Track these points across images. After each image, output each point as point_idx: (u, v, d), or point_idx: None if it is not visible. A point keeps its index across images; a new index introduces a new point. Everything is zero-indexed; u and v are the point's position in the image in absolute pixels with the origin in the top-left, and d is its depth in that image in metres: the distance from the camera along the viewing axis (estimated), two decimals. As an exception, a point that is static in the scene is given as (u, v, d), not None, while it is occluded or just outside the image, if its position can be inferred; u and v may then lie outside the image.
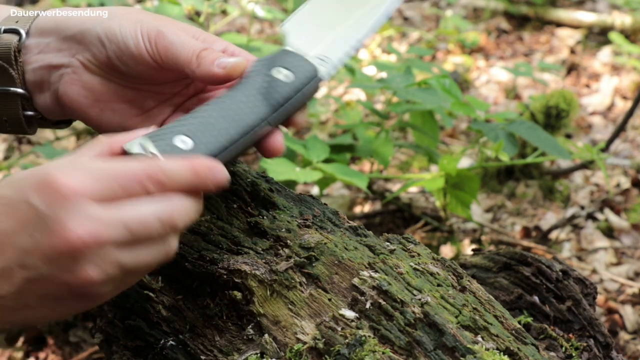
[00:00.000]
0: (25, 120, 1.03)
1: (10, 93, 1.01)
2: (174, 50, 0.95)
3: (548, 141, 2.21)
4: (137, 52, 0.96)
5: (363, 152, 2.35)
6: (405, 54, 3.51)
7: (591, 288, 1.19)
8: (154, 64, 0.96)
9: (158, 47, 0.95)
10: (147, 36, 0.96)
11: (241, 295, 0.96)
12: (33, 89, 1.02)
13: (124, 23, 0.97)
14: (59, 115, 1.04)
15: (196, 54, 0.95)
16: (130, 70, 0.98)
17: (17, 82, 1.00)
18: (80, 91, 0.99)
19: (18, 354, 2.01)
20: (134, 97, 1.01)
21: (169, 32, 0.96)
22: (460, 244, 2.42)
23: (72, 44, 0.99)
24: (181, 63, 0.95)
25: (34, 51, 1.00)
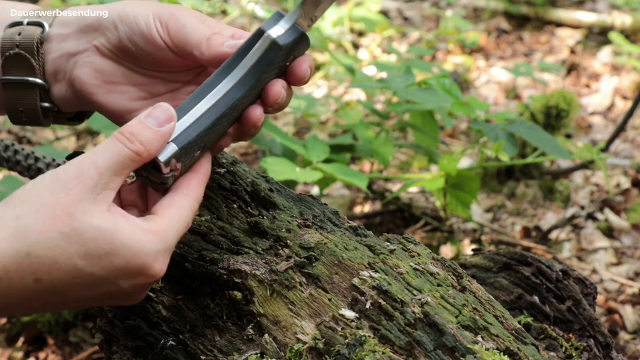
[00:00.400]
0: (42, 112, 1.05)
1: (29, 83, 1.03)
2: (185, 32, 0.97)
3: (548, 141, 2.21)
4: (147, 32, 0.98)
5: (363, 152, 2.35)
6: (405, 54, 3.51)
7: (591, 288, 1.19)
8: (163, 45, 0.98)
9: (169, 28, 0.98)
10: (158, 19, 0.98)
11: (241, 295, 0.96)
12: (51, 79, 1.04)
13: (137, 8, 1.00)
14: (73, 105, 1.05)
15: (206, 37, 0.97)
16: (140, 51, 0.99)
17: (37, 72, 1.02)
18: (91, 72, 1.01)
19: (18, 354, 2.01)
20: (143, 82, 1.03)
21: (180, 16, 0.98)
22: (460, 244, 2.42)
23: (90, 31, 1.01)
24: (191, 45, 0.97)
25: (55, 41, 1.02)
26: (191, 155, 0.91)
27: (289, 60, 0.96)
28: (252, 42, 0.94)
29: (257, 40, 0.94)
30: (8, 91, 1.04)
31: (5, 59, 1.02)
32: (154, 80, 1.03)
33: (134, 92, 1.03)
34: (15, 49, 1.01)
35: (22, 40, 1.01)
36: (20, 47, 1.01)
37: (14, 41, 1.02)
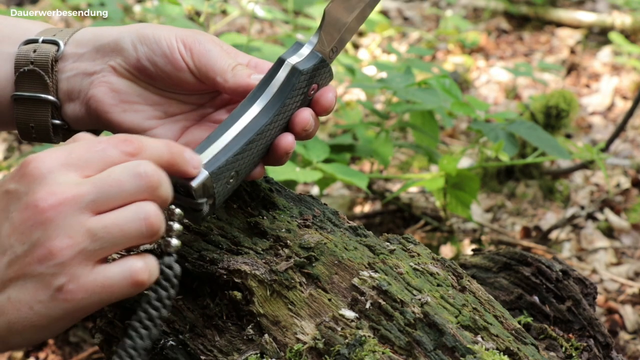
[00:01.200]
0: (52, 129, 1.06)
1: (41, 100, 1.04)
2: (209, 58, 0.99)
3: (548, 141, 2.21)
4: (169, 53, 1.00)
5: (363, 152, 2.36)
6: (405, 54, 3.51)
7: (591, 288, 1.19)
8: (185, 67, 1.00)
9: (193, 52, 1.00)
10: (182, 41, 1.00)
11: (241, 295, 0.96)
12: (64, 97, 1.05)
13: (157, 30, 1.01)
14: (85, 124, 1.06)
15: (232, 66, 0.99)
16: (159, 71, 1.01)
17: (50, 89, 1.04)
18: (107, 91, 1.02)
19: (18, 354, 2.01)
20: (158, 101, 1.05)
21: (204, 41, 1.00)
22: (460, 244, 2.42)
23: (106, 51, 1.02)
24: (215, 71, 0.99)
25: (69, 60, 1.04)
26: (224, 182, 0.92)
27: (312, 88, 0.99)
28: (275, 71, 0.98)
29: (278, 68, 0.98)
30: (20, 107, 1.05)
31: (19, 75, 1.04)
32: (169, 101, 1.05)
33: (149, 111, 1.04)
34: (30, 66, 1.03)
35: (36, 58, 1.03)
36: (35, 64, 1.03)
37: (28, 58, 1.03)
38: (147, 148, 0.83)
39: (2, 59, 1.05)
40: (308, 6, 3.84)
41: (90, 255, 0.80)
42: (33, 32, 1.06)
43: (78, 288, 0.80)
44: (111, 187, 0.80)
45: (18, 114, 1.05)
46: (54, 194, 0.79)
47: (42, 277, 0.79)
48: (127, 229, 0.81)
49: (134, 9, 3.70)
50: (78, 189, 0.79)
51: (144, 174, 0.81)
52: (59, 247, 0.78)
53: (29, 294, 0.80)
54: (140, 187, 0.81)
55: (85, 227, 0.79)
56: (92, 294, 0.81)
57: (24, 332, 0.82)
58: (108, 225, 0.80)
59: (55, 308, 0.80)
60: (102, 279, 0.81)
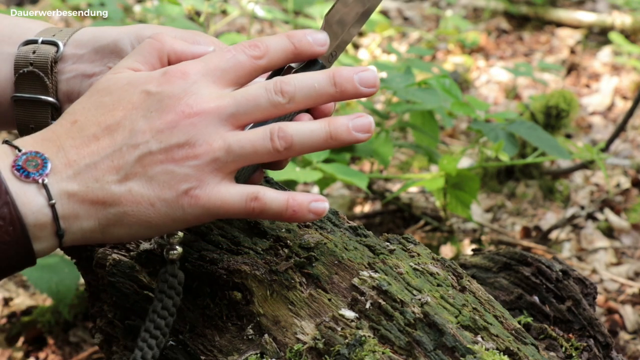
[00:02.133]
0: None
1: (41, 101, 1.04)
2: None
3: (548, 141, 2.21)
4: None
5: (363, 152, 2.36)
6: (405, 54, 3.51)
7: (591, 288, 1.19)
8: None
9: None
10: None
11: (241, 295, 0.96)
12: (63, 99, 1.05)
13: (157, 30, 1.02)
14: None
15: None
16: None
17: (50, 91, 1.04)
18: None
19: (18, 354, 2.01)
20: None
21: (204, 42, 1.00)
22: (460, 244, 2.42)
23: (105, 53, 1.02)
24: None
25: (69, 62, 1.04)
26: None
27: None
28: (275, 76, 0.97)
29: (278, 73, 0.97)
30: (19, 108, 1.05)
31: (18, 76, 1.04)
32: None
33: None
34: (29, 67, 1.03)
35: (36, 59, 1.03)
36: (34, 65, 1.03)
37: (28, 59, 1.03)
38: (271, 47, 0.88)
39: (2, 60, 1.05)
40: (308, 6, 3.85)
41: (222, 166, 0.84)
42: (33, 32, 1.06)
43: (203, 194, 0.84)
44: (248, 101, 0.85)
45: (18, 115, 1.05)
46: (198, 103, 0.84)
47: (173, 176, 0.83)
48: (259, 145, 0.85)
49: (134, 9, 3.70)
50: (220, 100, 0.85)
51: (279, 90, 0.86)
52: (197, 151, 0.83)
53: (154, 191, 0.83)
54: (274, 102, 0.86)
55: (222, 138, 0.84)
56: (213, 206, 0.85)
57: (132, 226, 0.85)
58: (241, 140, 0.85)
59: (176, 209, 0.84)
60: (225, 192, 0.85)
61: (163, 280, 0.91)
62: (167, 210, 0.84)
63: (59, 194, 0.82)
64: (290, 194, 0.87)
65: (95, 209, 0.83)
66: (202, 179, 0.83)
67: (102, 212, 0.83)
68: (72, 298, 1.97)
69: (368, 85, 0.89)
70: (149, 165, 0.83)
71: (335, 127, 0.87)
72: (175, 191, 0.83)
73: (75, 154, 0.83)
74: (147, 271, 1.01)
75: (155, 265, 1.01)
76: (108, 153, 0.83)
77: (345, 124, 0.87)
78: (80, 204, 0.83)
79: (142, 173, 0.83)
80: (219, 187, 0.84)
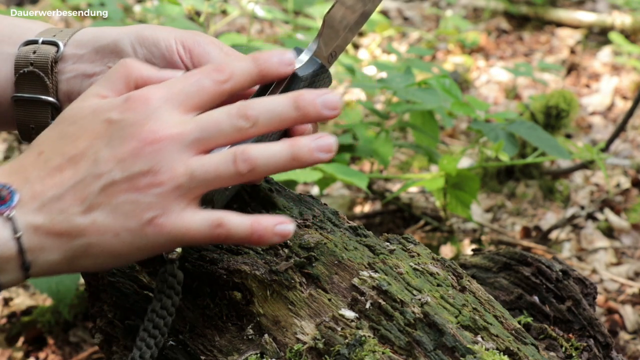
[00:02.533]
0: None
1: (42, 101, 1.04)
2: (209, 60, 0.99)
3: (548, 141, 2.21)
4: (168, 55, 1.00)
5: (363, 152, 2.35)
6: (405, 54, 3.51)
7: (591, 288, 1.19)
8: (184, 69, 0.99)
9: (192, 53, 1.00)
10: (181, 43, 1.00)
11: (241, 295, 0.96)
12: (64, 99, 1.05)
13: (156, 31, 1.02)
14: None
15: None
16: None
17: (50, 91, 1.03)
18: None
19: (18, 354, 2.01)
20: None
21: (204, 43, 1.00)
22: (460, 244, 2.42)
23: (106, 53, 1.02)
24: None
25: (69, 62, 1.04)
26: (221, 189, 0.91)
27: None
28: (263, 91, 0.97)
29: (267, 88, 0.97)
30: (20, 108, 1.05)
31: (19, 76, 1.04)
32: None
33: None
34: (30, 67, 1.03)
35: (36, 59, 1.03)
36: (35, 65, 1.03)
37: (28, 59, 1.03)
38: (236, 72, 0.88)
39: (2, 60, 1.05)
40: (308, 6, 3.84)
41: (186, 193, 0.84)
42: (33, 33, 1.06)
43: (167, 222, 0.83)
44: (210, 126, 0.85)
45: (18, 115, 1.05)
46: (160, 129, 0.83)
47: (137, 206, 0.82)
48: (223, 170, 0.84)
49: (134, 9, 3.70)
50: (183, 126, 0.84)
51: (242, 115, 0.85)
52: (160, 178, 0.82)
53: (118, 221, 0.83)
54: (237, 127, 0.85)
55: (185, 164, 0.83)
56: (177, 233, 0.84)
57: (98, 257, 0.84)
58: (205, 165, 0.84)
59: (140, 238, 0.84)
60: (189, 219, 0.84)
61: (162, 280, 0.91)
62: (131, 239, 0.83)
63: (25, 226, 0.81)
64: (255, 219, 0.86)
65: (60, 241, 0.83)
66: (166, 206, 0.83)
67: (67, 244, 0.83)
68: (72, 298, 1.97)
69: (331, 107, 0.88)
70: (113, 195, 0.82)
71: (298, 148, 0.86)
72: (139, 220, 0.83)
73: (41, 186, 0.83)
74: (147, 271, 1.02)
75: (155, 265, 1.01)
76: (72, 184, 0.83)
77: (308, 145, 0.86)
78: (46, 237, 0.82)
79: (106, 203, 0.82)
80: (182, 215, 0.84)
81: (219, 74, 0.87)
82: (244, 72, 0.88)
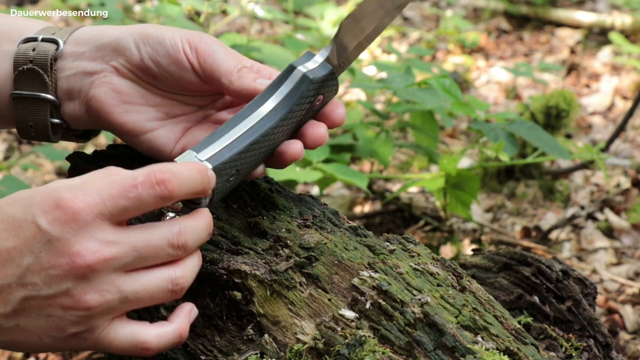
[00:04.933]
0: (51, 128, 1.06)
1: (41, 99, 1.03)
2: (215, 58, 0.99)
3: (548, 141, 2.21)
4: (174, 53, 0.99)
5: (363, 152, 2.35)
6: (405, 54, 3.51)
7: (591, 288, 1.19)
8: (189, 67, 0.99)
9: (199, 51, 0.99)
10: (187, 41, 0.99)
11: (241, 295, 0.96)
12: (63, 97, 1.04)
13: (161, 29, 1.01)
14: (84, 123, 1.06)
15: (238, 69, 0.99)
16: (163, 72, 1.00)
17: (49, 88, 1.03)
18: (109, 92, 1.01)
19: (18, 354, 2.01)
20: (161, 103, 1.04)
21: (210, 41, 1.00)
22: (460, 244, 2.42)
23: (107, 51, 1.02)
24: (220, 72, 0.99)
25: (69, 59, 1.03)
26: (224, 179, 0.92)
27: (318, 99, 0.99)
28: (284, 77, 0.98)
29: (289, 75, 0.98)
30: (19, 105, 1.05)
31: (18, 73, 1.03)
32: (172, 102, 1.04)
33: (151, 112, 1.03)
34: (29, 65, 1.02)
35: (35, 56, 1.02)
36: (34, 62, 1.02)
37: (27, 56, 1.03)
38: (180, 187, 0.83)
39: (2, 57, 1.05)
40: (308, 6, 3.85)
41: (114, 312, 0.83)
42: (32, 31, 1.06)
43: (92, 338, 0.83)
44: (148, 253, 0.82)
45: (17, 113, 1.05)
46: (91, 252, 0.80)
47: (61, 321, 0.82)
48: (156, 296, 0.84)
49: (134, 9, 3.70)
50: (117, 249, 0.81)
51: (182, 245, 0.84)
52: (88, 303, 0.81)
53: (41, 328, 0.82)
54: (172, 255, 0.84)
55: (117, 288, 0.82)
56: (101, 346, 0.84)
57: (26, 349, 0.85)
58: (139, 291, 0.83)
59: (63, 345, 0.84)
60: (113, 337, 0.84)
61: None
62: (55, 344, 0.84)
63: None
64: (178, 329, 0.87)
65: None
66: (91, 325, 0.82)
67: None
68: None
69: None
70: (38, 308, 0.81)
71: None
72: (63, 333, 0.82)
73: None
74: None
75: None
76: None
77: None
78: None
79: (30, 311, 0.81)
80: (107, 331, 0.83)
81: (162, 189, 0.81)
82: (188, 188, 0.84)
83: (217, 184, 0.91)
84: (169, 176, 0.82)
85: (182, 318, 0.89)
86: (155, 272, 0.84)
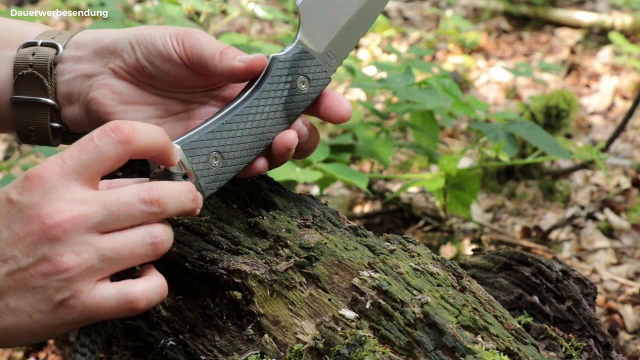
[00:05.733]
0: (52, 132, 1.06)
1: (41, 103, 1.04)
2: (199, 46, 1.00)
3: (548, 141, 2.21)
4: (164, 50, 1.00)
5: (363, 152, 2.35)
6: (405, 54, 3.51)
7: (591, 288, 1.19)
8: (179, 61, 1.00)
9: (185, 44, 1.00)
10: (175, 37, 1.01)
11: (241, 295, 0.96)
12: (63, 100, 1.05)
13: (153, 30, 1.02)
14: (85, 126, 1.06)
15: (219, 50, 1.00)
16: (158, 70, 1.01)
17: (49, 92, 1.04)
18: (108, 93, 1.02)
19: (18, 354, 2.01)
20: (159, 101, 1.05)
21: (194, 33, 1.01)
22: (460, 244, 2.42)
23: (105, 54, 1.03)
24: (205, 58, 0.99)
25: (69, 63, 1.04)
26: (203, 159, 0.94)
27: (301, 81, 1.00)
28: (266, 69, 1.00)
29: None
30: (19, 110, 1.05)
31: (18, 78, 1.04)
32: (171, 100, 1.05)
33: (150, 111, 1.04)
34: (29, 69, 1.03)
35: (35, 61, 1.03)
36: (34, 67, 1.03)
37: (27, 61, 1.03)
38: (135, 134, 0.84)
39: (1, 62, 1.05)
40: (308, 6, 3.83)
41: (96, 273, 0.83)
42: (32, 35, 1.06)
43: (79, 304, 0.83)
44: (119, 210, 0.83)
45: (17, 117, 1.06)
46: (60, 211, 0.81)
47: (45, 290, 0.82)
48: (136, 252, 0.84)
49: (134, 9, 3.70)
50: (86, 208, 0.82)
51: (155, 201, 0.84)
52: (66, 264, 0.81)
53: (29, 304, 0.83)
54: (147, 213, 0.84)
55: (94, 247, 0.82)
56: (90, 311, 0.84)
57: (19, 336, 0.85)
58: (118, 247, 0.83)
59: (54, 319, 0.84)
60: (100, 298, 0.84)
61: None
62: (45, 320, 0.83)
63: None
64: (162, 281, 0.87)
65: None
66: (75, 289, 0.82)
67: None
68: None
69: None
70: (21, 281, 0.82)
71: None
72: (50, 303, 0.82)
73: None
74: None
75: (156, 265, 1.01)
76: None
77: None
78: None
79: (15, 287, 0.82)
80: (93, 294, 0.83)
81: (119, 135, 0.83)
82: (148, 139, 0.86)
83: (196, 164, 0.92)
84: (122, 124, 0.84)
85: (157, 273, 0.88)
86: (133, 230, 0.84)
